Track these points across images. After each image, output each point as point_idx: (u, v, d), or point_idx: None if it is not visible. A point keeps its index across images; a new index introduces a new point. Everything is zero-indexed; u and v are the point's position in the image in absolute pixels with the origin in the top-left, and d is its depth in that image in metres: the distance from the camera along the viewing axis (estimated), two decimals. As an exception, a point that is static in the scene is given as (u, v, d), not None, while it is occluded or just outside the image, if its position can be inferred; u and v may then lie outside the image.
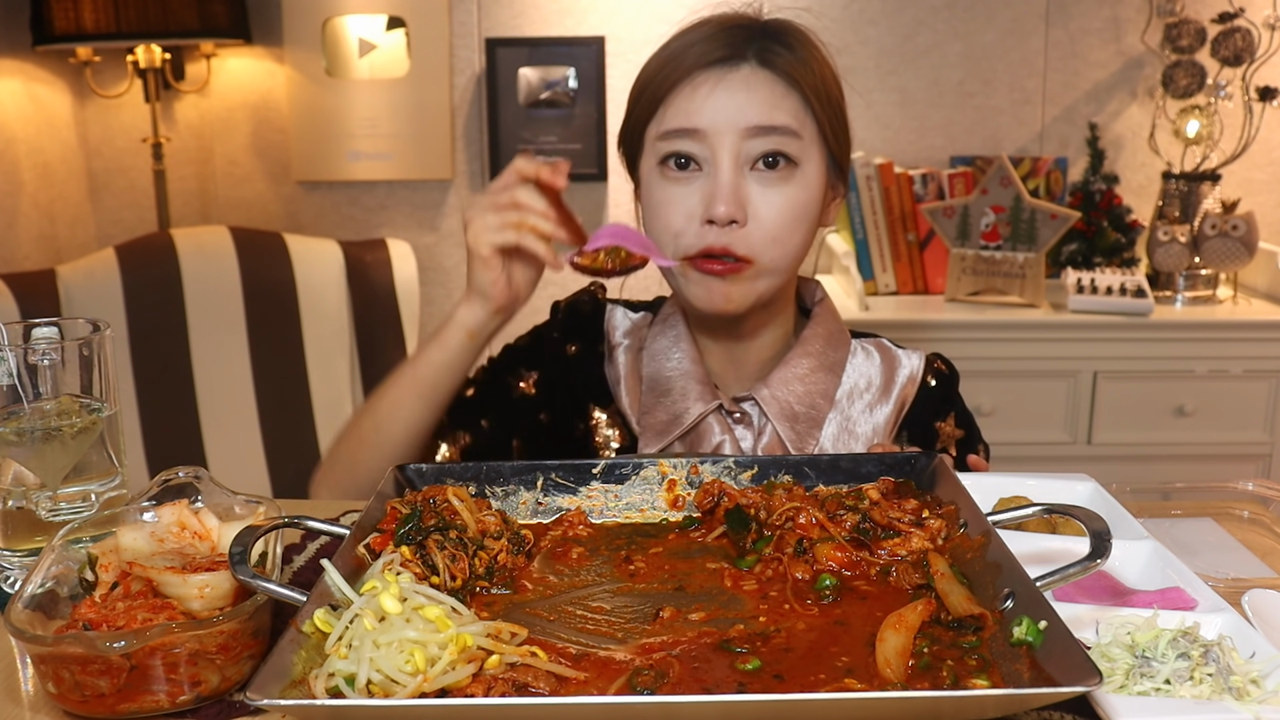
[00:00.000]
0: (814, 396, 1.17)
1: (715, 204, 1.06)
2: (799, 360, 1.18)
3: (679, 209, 1.09)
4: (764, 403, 1.16)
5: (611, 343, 1.24)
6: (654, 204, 1.12)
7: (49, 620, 0.80)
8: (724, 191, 1.06)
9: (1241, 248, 2.39)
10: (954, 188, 2.55)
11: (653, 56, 1.13)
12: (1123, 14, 2.63)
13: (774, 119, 1.07)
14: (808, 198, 1.10)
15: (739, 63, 1.08)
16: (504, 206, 1.02)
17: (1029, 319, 2.34)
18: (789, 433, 1.15)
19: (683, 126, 1.08)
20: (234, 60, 2.70)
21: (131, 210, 2.78)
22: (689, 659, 0.71)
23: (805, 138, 1.09)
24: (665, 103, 1.09)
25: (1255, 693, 0.70)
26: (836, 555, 0.83)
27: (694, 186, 1.09)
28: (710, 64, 1.08)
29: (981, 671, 0.67)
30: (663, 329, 1.22)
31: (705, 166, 1.08)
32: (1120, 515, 0.96)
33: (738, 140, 1.07)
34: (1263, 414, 2.35)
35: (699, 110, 1.07)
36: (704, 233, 1.08)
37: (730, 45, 1.08)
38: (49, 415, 0.98)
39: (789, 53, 1.09)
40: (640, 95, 1.13)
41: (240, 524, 0.86)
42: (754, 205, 1.08)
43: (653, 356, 1.20)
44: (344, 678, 0.65)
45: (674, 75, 1.09)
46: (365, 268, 2.47)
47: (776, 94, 1.08)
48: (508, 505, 0.96)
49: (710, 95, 1.07)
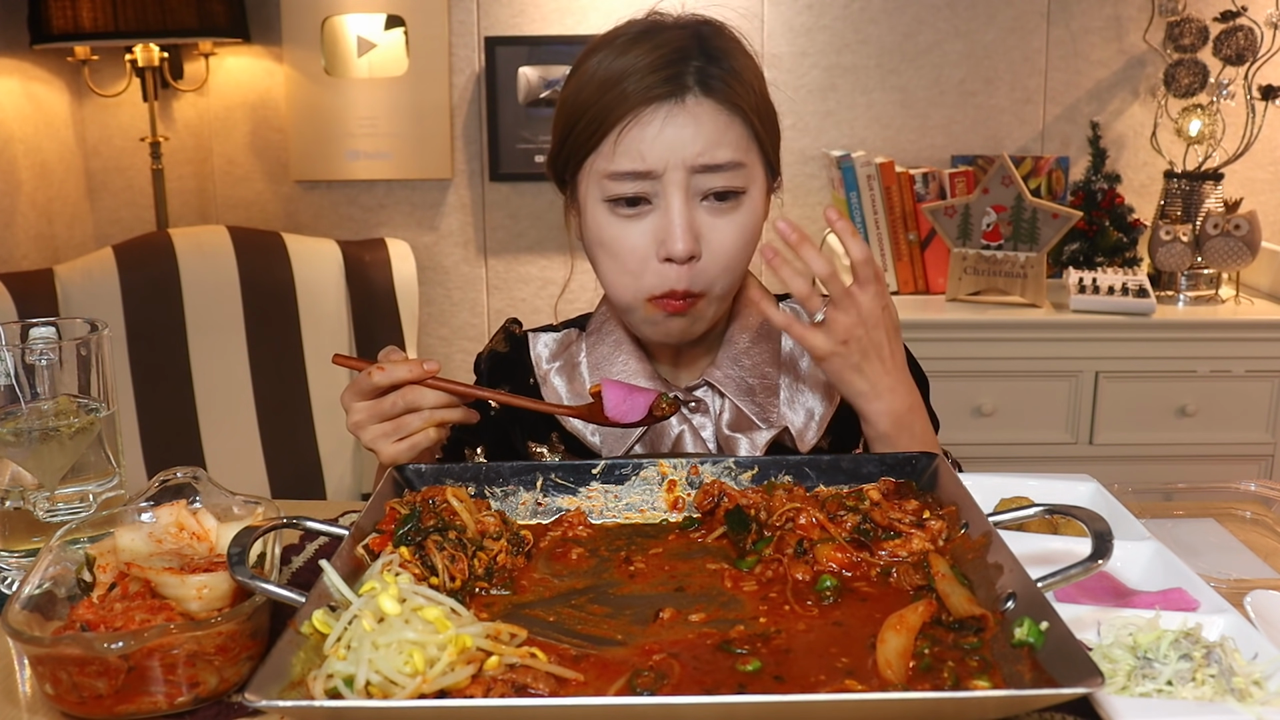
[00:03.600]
0: (762, 366, 1.18)
1: (674, 242, 1.05)
2: (739, 336, 1.19)
3: (632, 249, 1.08)
4: (719, 384, 1.16)
5: (540, 372, 1.22)
6: (604, 240, 1.10)
7: (47, 621, 0.80)
8: (680, 230, 1.05)
9: (1244, 247, 2.39)
10: (955, 187, 2.54)
11: (586, 78, 1.09)
12: (1125, 12, 2.63)
13: (721, 156, 1.06)
14: (755, 220, 1.10)
15: (683, 95, 1.05)
16: (399, 414, 1.01)
17: (1030, 319, 2.34)
18: (750, 406, 1.15)
19: (635, 169, 1.05)
20: (232, 59, 2.70)
21: (130, 210, 2.78)
22: (689, 660, 0.70)
23: (749, 163, 1.08)
24: (611, 139, 1.06)
25: (1257, 694, 0.69)
26: (837, 556, 0.82)
27: (645, 223, 1.07)
28: (655, 99, 1.05)
29: (983, 673, 0.67)
30: (599, 338, 1.21)
31: (655, 201, 1.07)
32: (1122, 516, 0.95)
33: (686, 176, 1.05)
34: (1265, 414, 2.34)
35: (649, 151, 1.05)
36: (664, 272, 1.07)
37: (672, 77, 1.05)
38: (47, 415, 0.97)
39: (727, 73, 1.07)
40: (577, 121, 1.09)
41: (238, 524, 0.86)
42: (706, 238, 1.07)
43: (595, 366, 1.20)
44: (343, 679, 0.64)
45: (617, 110, 1.06)
46: (364, 267, 2.47)
47: (721, 125, 1.06)
48: (507, 506, 0.95)
49: (659, 135, 1.05)
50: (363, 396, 1.03)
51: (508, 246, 2.79)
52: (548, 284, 2.79)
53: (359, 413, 1.03)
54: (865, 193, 2.52)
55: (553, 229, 2.77)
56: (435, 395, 1.02)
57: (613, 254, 1.10)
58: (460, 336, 2.83)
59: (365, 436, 1.03)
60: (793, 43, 2.67)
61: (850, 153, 2.57)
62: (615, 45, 1.08)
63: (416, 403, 1.01)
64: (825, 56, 2.68)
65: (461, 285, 2.81)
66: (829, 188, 2.70)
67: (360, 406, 1.03)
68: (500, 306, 2.81)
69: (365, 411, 1.02)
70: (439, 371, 1.03)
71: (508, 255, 2.79)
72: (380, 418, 1.02)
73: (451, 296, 2.81)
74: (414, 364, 1.02)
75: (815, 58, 2.68)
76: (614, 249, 1.09)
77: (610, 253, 1.10)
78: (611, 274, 1.11)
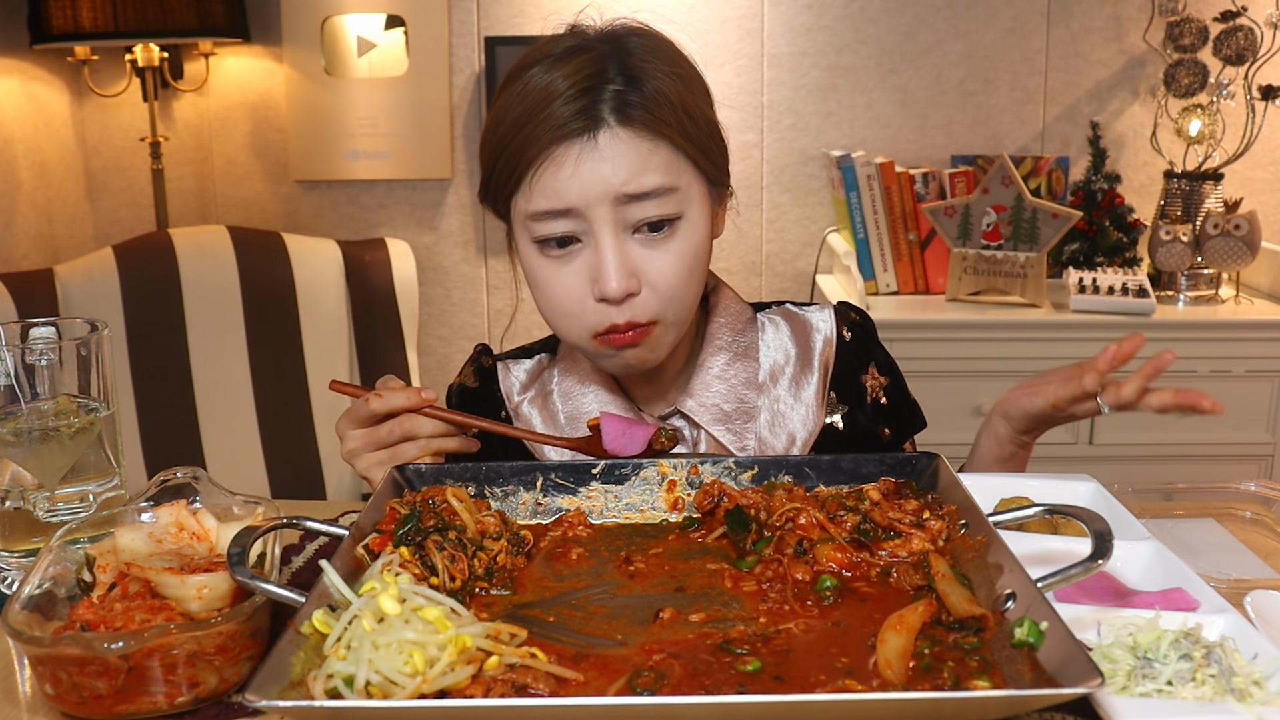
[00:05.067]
0: (738, 390, 1.13)
1: (606, 282, 1.00)
2: (712, 359, 1.14)
3: (567, 290, 1.03)
4: (692, 413, 1.11)
5: (512, 404, 1.19)
6: (539, 281, 1.06)
7: (46, 621, 0.80)
8: (611, 268, 1.00)
9: (1244, 247, 2.39)
10: (955, 187, 2.54)
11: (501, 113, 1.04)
12: (1124, 12, 2.63)
13: (645, 184, 0.99)
14: (696, 243, 1.04)
15: (596, 128, 0.99)
16: (395, 442, 1.01)
17: (1030, 319, 2.34)
18: (725, 434, 1.11)
19: (552, 208, 1.00)
20: (232, 59, 2.70)
21: (129, 210, 2.78)
22: (689, 660, 0.70)
23: (682, 185, 1.02)
24: (528, 182, 1.01)
25: (1257, 694, 0.69)
26: (837, 556, 0.82)
27: (577, 262, 1.02)
28: (567, 136, 0.99)
29: (983, 673, 0.67)
30: (568, 366, 1.17)
31: (585, 240, 1.02)
32: (1122, 516, 0.95)
33: (612, 210, 0.99)
34: (1265, 414, 2.34)
35: (565, 189, 0.99)
36: (603, 311, 1.02)
37: (583, 110, 0.99)
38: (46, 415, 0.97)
39: (647, 99, 1.00)
40: (496, 160, 1.04)
41: (238, 524, 0.86)
42: (644, 270, 1.02)
43: (566, 397, 1.16)
44: (343, 679, 0.64)
45: (530, 150, 1.00)
46: (364, 267, 2.47)
47: (642, 153, 0.99)
48: (507, 506, 0.95)
49: (575, 173, 0.99)
50: (359, 424, 1.02)
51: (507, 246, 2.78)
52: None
53: (354, 440, 1.02)
54: (865, 193, 2.52)
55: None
56: (432, 424, 1.01)
57: (548, 297, 1.05)
58: (460, 337, 2.83)
59: (360, 464, 1.03)
60: (793, 43, 2.67)
61: (850, 153, 2.57)
62: (529, 76, 1.03)
63: (413, 431, 1.01)
64: (825, 56, 2.68)
65: (461, 285, 2.81)
66: (829, 188, 2.70)
67: (356, 434, 1.02)
68: (500, 306, 2.81)
69: (361, 439, 1.02)
70: (436, 400, 1.02)
71: (507, 255, 2.79)
72: (376, 445, 1.01)
73: (451, 296, 2.81)
74: (411, 392, 1.01)
75: (815, 58, 2.68)
76: (549, 291, 1.05)
77: (545, 295, 1.06)
78: (552, 316, 1.07)
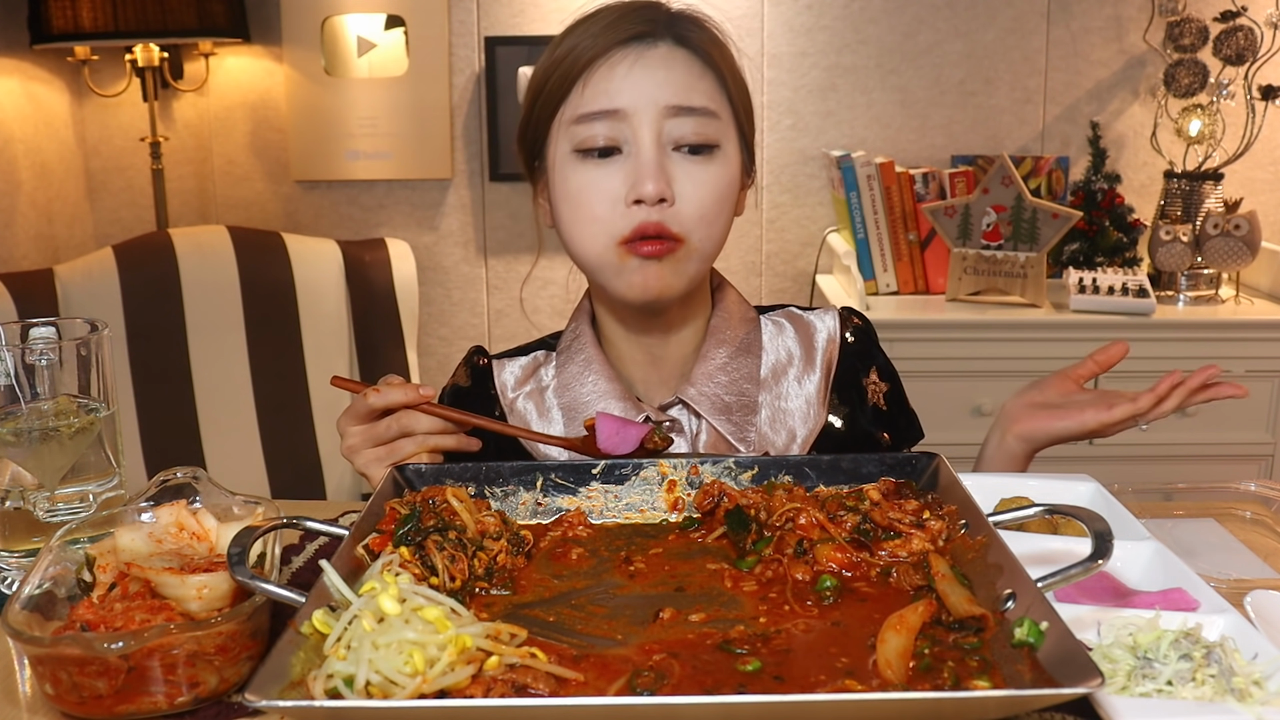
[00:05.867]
0: (740, 383, 1.14)
1: (643, 183, 1.02)
2: (715, 351, 1.15)
3: (601, 194, 1.05)
4: (693, 402, 1.12)
5: (506, 400, 1.19)
6: (571, 191, 1.07)
7: (46, 621, 0.80)
8: (650, 169, 1.03)
9: (1244, 247, 2.39)
10: (955, 187, 2.54)
11: (553, 48, 1.09)
12: (1124, 12, 2.63)
13: (693, 100, 1.05)
14: (730, 178, 1.08)
15: (655, 40, 1.05)
16: (392, 438, 1.01)
17: (1030, 319, 2.34)
18: (726, 425, 1.11)
19: (603, 108, 1.04)
20: (232, 59, 2.70)
21: (130, 210, 2.78)
22: (689, 660, 0.70)
23: (723, 118, 1.07)
24: (580, 83, 1.05)
25: (1257, 694, 0.69)
26: (837, 556, 0.82)
27: (615, 169, 1.05)
28: (626, 40, 1.04)
29: (983, 673, 0.67)
30: (569, 356, 1.17)
31: (626, 149, 1.05)
32: (1122, 516, 0.95)
33: (659, 119, 1.04)
34: (1265, 414, 2.34)
35: (619, 90, 1.04)
36: (632, 214, 1.04)
37: (644, 21, 1.06)
38: (46, 415, 0.97)
39: (702, 32, 1.08)
40: (546, 81, 1.08)
41: (238, 524, 0.86)
42: (679, 185, 1.05)
43: (565, 386, 1.16)
44: (343, 679, 0.64)
45: (588, 54, 1.05)
46: (364, 267, 2.47)
47: (694, 73, 1.06)
48: (507, 506, 0.95)
49: (629, 73, 1.04)
50: (358, 420, 1.03)
51: (508, 246, 2.79)
52: (548, 284, 2.79)
53: (353, 436, 1.03)
54: (865, 193, 2.52)
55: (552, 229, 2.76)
56: (430, 421, 1.01)
57: (581, 204, 1.06)
58: (460, 337, 2.83)
59: (359, 461, 1.03)
60: (793, 43, 2.67)
61: (850, 153, 2.57)
62: (585, 15, 1.08)
63: (410, 427, 1.01)
64: (825, 56, 2.68)
65: (461, 285, 2.81)
66: (829, 188, 2.70)
67: (355, 430, 1.03)
68: (500, 306, 2.81)
69: (360, 435, 1.02)
70: (435, 397, 1.02)
71: (508, 255, 2.79)
72: (374, 441, 1.02)
73: (451, 296, 2.81)
74: (410, 388, 1.01)
75: (815, 58, 2.68)
76: (581, 199, 1.06)
77: (578, 204, 1.06)
78: (581, 227, 1.07)
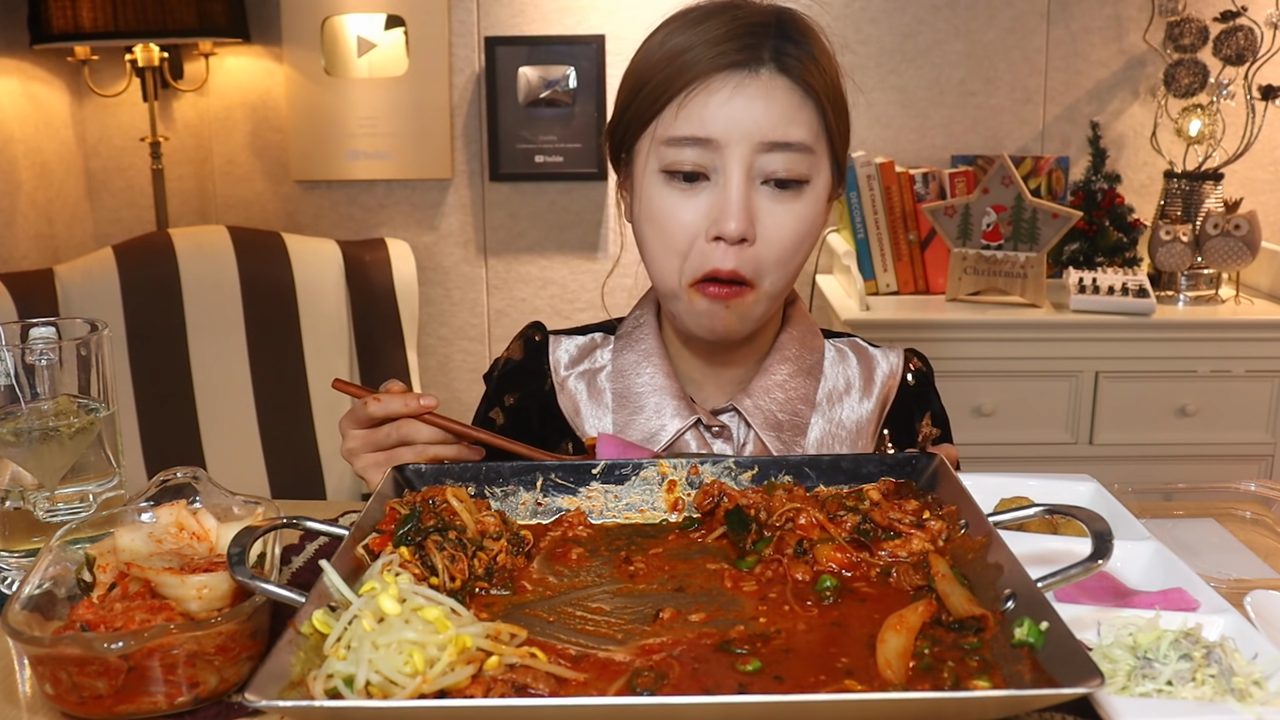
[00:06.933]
0: (795, 403, 1.13)
1: (726, 220, 1.00)
2: (777, 367, 1.14)
3: (683, 227, 1.03)
4: (747, 413, 1.11)
5: (558, 377, 1.19)
6: (656, 213, 1.05)
7: (46, 621, 0.80)
8: (735, 207, 1.00)
9: (1244, 247, 2.39)
10: (955, 187, 2.54)
11: (655, 46, 1.06)
12: (1124, 12, 2.63)
13: (790, 135, 1.01)
14: (816, 214, 1.05)
15: (757, 67, 1.01)
16: (392, 445, 1.02)
17: (1030, 319, 2.34)
18: (775, 442, 1.11)
19: (695, 135, 1.01)
20: (232, 59, 2.70)
21: (130, 210, 2.78)
22: (689, 660, 0.70)
23: (818, 152, 1.04)
24: (676, 104, 1.02)
25: (1257, 694, 0.69)
26: (837, 556, 0.82)
27: (700, 198, 1.03)
28: (726, 67, 1.01)
29: (983, 673, 0.67)
30: (628, 344, 1.17)
31: (713, 177, 1.02)
32: (1122, 516, 0.95)
33: (751, 153, 1.01)
34: (1265, 414, 2.34)
35: (714, 118, 1.01)
36: (709, 252, 1.02)
37: (747, 47, 1.01)
38: (46, 415, 0.97)
39: (805, 55, 1.03)
40: (642, 88, 1.06)
41: (238, 524, 0.86)
42: (762, 223, 1.02)
43: (620, 373, 1.16)
44: (343, 679, 0.64)
45: (686, 75, 1.02)
46: (364, 267, 2.47)
47: (794, 104, 1.02)
48: (507, 506, 0.95)
49: (727, 103, 1.01)
50: (358, 424, 1.03)
51: (508, 246, 2.79)
52: (548, 284, 2.79)
53: (353, 440, 1.03)
54: (865, 193, 2.52)
55: (553, 229, 2.77)
56: (429, 431, 1.01)
57: (661, 230, 1.05)
58: (460, 336, 2.83)
59: (358, 464, 1.04)
60: (793, 43, 2.67)
61: (850, 153, 2.56)
62: (688, 18, 1.05)
63: (410, 436, 1.01)
64: (825, 56, 2.67)
65: (461, 285, 2.81)
66: (829, 188, 2.70)
67: (355, 434, 1.03)
68: (500, 306, 2.81)
69: (360, 440, 1.03)
70: (435, 407, 1.02)
71: (508, 255, 2.79)
72: (373, 447, 1.02)
73: (451, 296, 2.81)
74: (410, 398, 1.01)
75: (815, 58, 2.68)
76: (663, 225, 1.04)
77: (659, 229, 1.05)
78: (657, 253, 1.06)
